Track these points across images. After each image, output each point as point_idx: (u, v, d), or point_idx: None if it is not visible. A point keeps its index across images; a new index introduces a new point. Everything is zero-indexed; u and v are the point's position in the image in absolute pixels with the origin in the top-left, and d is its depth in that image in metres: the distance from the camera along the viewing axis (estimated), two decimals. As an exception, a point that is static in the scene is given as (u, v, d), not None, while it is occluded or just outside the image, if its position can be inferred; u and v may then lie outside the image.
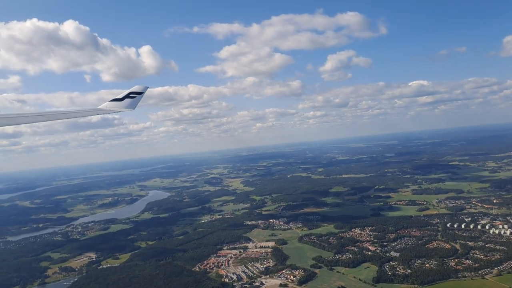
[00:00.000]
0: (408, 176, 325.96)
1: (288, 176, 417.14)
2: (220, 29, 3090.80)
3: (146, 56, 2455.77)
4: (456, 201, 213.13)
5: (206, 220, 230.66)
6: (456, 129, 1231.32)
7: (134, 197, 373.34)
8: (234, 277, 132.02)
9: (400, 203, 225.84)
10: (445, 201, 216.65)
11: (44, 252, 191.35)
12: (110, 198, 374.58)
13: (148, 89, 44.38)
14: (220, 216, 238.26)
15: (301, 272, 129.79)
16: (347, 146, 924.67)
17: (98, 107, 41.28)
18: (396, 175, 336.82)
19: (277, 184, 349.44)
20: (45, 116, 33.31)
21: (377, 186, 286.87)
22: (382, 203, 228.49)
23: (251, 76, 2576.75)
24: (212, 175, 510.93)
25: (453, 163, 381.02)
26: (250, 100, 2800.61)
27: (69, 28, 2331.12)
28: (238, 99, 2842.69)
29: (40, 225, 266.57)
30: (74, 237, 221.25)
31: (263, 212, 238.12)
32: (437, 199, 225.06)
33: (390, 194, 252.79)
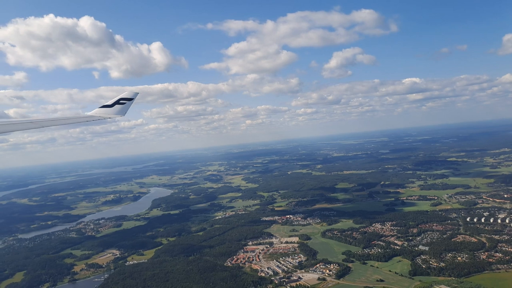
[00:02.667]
0: (410, 172, 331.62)
1: (288, 172, 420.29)
2: (233, 25, 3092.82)
3: (157, 53, 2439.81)
4: (467, 196, 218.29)
5: (220, 217, 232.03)
6: (443, 126, 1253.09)
7: (136, 194, 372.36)
8: (270, 272, 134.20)
9: (411, 198, 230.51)
10: (455, 196, 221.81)
11: (63, 249, 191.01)
12: (111, 196, 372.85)
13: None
14: (233, 213, 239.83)
15: (335, 266, 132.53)
16: (338, 143, 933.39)
17: (88, 113, 41.70)
18: (398, 171, 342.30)
19: (280, 181, 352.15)
20: (34, 123, 33.23)
21: (382, 182, 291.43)
22: (393, 199, 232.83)
23: (254, 73, 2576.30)
24: (210, 172, 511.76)
25: (451, 159, 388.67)
26: (247, 97, 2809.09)
27: (86, 24, 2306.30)
28: (236, 96, 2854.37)
29: (49, 223, 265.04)
30: (89, 234, 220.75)
31: (276, 208, 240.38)
32: (446, 194, 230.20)
33: (399, 190, 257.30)
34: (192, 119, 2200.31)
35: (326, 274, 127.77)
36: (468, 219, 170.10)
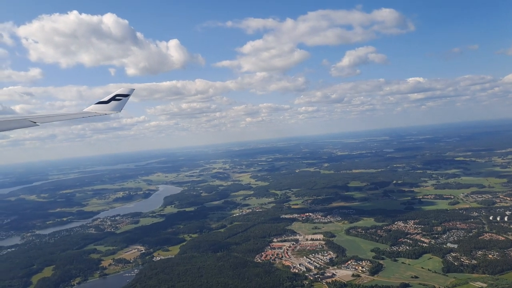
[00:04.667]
0: (420, 171, 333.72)
1: (296, 171, 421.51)
2: (252, 24, 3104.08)
3: (174, 50, 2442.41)
4: (483, 195, 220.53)
5: (237, 214, 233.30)
6: (443, 125, 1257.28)
7: (146, 192, 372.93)
8: (303, 268, 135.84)
9: (428, 197, 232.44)
10: (471, 196, 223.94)
11: (86, 245, 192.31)
12: (121, 193, 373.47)
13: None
14: (250, 210, 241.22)
15: (367, 263, 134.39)
16: (340, 141, 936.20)
17: (84, 110, 42.19)
18: (408, 171, 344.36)
19: (291, 179, 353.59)
20: (30, 119, 32.87)
21: (395, 181, 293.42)
22: (410, 198, 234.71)
23: (264, 71, 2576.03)
24: (216, 170, 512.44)
25: (459, 158, 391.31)
26: (253, 95, 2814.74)
27: (109, 21, 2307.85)
28: (243, 94, 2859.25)
29: (64, 219, 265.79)
30: (109, 230, 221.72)
31: (292, 206, 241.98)
32: (462, 193, 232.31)
33: (413, 189, 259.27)
34: (194, 116, 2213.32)
35: (360, 271, 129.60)
36: (491, 218, 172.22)
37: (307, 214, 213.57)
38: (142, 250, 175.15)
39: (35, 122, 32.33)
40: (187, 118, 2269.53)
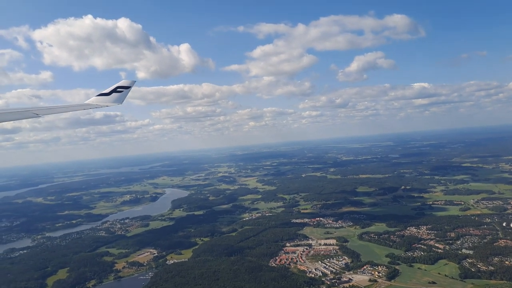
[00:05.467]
0: (428, 177, 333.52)
1: (303, 175, 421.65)
2: (264, 28, 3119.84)
3: (185, 55, 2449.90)
4: (494, 202, 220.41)
5: (247, 218, 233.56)
6: (446, 131, 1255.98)
7: (153, 195, 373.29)
8: (318, 273, 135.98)
9: (438, 203, 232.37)
10: (482, 202, 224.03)
11: (97, 247, 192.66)
12: (128, 196, 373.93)
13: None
14: (259, 214, 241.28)
15: (383, 268, 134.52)
16: (343, 146, 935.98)
17: (85, 102, 41.66)
18: (415, 176, 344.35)
19: (298, 184, 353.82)
20: (31, 112, 32.75)
21: (403, 187, 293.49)
22: (420, 203, 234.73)
23: (272, 76, 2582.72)
24: (221, 174, 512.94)
25: (465, 164, 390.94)
26: (259, 99, 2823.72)
27: (124, 25, 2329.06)
28: (249, 98, 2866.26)
29: (73, 222, 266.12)
30: (119, 233, 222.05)
31: (302, 211, 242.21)
32: (472, 199, 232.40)
33: (423, 195, 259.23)
34: (199, 120, 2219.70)
35: (376, 276, 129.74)
36: (504, 224, 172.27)
37: (318, 218, 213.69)
38: (154, 253, 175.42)
39: (37, 114, 32.42)
40: (191, 122, 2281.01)
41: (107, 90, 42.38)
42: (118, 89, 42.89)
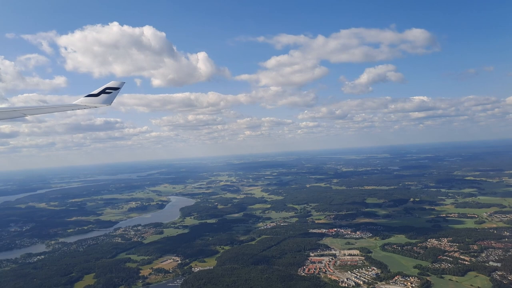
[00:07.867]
0: (434, 189, 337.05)
1: (307, 186, 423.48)
2: (283, 39, 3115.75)
3: (202, 63, 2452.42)
4: (507, 215, 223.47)
5: (263, 227, 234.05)
6: (440, 144, 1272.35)
7: (159, 202, 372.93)
8: (351, 282, 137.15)
9: (451, 215, 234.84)
10: (495, 215, 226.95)
11: (117, 254, 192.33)
12: (133, 203, 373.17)
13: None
14: (274, 224, 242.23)
15: (415, 279, 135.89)
16: (340, 157, 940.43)
17: (74, 102, 41.76)
18: (421, 188, 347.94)
19: (305, 194, 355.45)
20: (20, 111, 32.57)
21: (412, 199, 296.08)
22: (434, 216, 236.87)
23: (280, 86, 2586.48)
24: (223, 183, 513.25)
25: (469, 178, 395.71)
26: (263, 109, 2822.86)
27: (148, 33, 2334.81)
28: (253, 107, 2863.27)
29: (85, 228, 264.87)
30: (135, 240, 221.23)
31: (316, 221, 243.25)
32: (485, 213, 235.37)
33: (434, 207, 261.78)
34: (197, 128, 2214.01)
35: (410, 287, 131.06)
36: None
37: (336, 229, 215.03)
38: (178, 261, 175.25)
39: (25, 114, 32.80)
40: (189, 130, 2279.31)
41: (96, 91, 42.38)
42: (107, 90, 42.95)
